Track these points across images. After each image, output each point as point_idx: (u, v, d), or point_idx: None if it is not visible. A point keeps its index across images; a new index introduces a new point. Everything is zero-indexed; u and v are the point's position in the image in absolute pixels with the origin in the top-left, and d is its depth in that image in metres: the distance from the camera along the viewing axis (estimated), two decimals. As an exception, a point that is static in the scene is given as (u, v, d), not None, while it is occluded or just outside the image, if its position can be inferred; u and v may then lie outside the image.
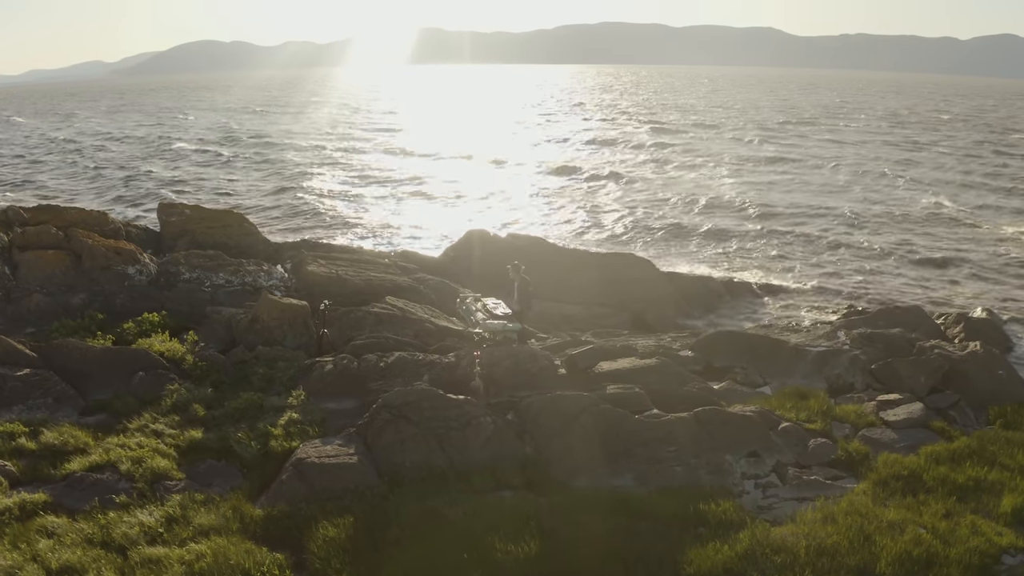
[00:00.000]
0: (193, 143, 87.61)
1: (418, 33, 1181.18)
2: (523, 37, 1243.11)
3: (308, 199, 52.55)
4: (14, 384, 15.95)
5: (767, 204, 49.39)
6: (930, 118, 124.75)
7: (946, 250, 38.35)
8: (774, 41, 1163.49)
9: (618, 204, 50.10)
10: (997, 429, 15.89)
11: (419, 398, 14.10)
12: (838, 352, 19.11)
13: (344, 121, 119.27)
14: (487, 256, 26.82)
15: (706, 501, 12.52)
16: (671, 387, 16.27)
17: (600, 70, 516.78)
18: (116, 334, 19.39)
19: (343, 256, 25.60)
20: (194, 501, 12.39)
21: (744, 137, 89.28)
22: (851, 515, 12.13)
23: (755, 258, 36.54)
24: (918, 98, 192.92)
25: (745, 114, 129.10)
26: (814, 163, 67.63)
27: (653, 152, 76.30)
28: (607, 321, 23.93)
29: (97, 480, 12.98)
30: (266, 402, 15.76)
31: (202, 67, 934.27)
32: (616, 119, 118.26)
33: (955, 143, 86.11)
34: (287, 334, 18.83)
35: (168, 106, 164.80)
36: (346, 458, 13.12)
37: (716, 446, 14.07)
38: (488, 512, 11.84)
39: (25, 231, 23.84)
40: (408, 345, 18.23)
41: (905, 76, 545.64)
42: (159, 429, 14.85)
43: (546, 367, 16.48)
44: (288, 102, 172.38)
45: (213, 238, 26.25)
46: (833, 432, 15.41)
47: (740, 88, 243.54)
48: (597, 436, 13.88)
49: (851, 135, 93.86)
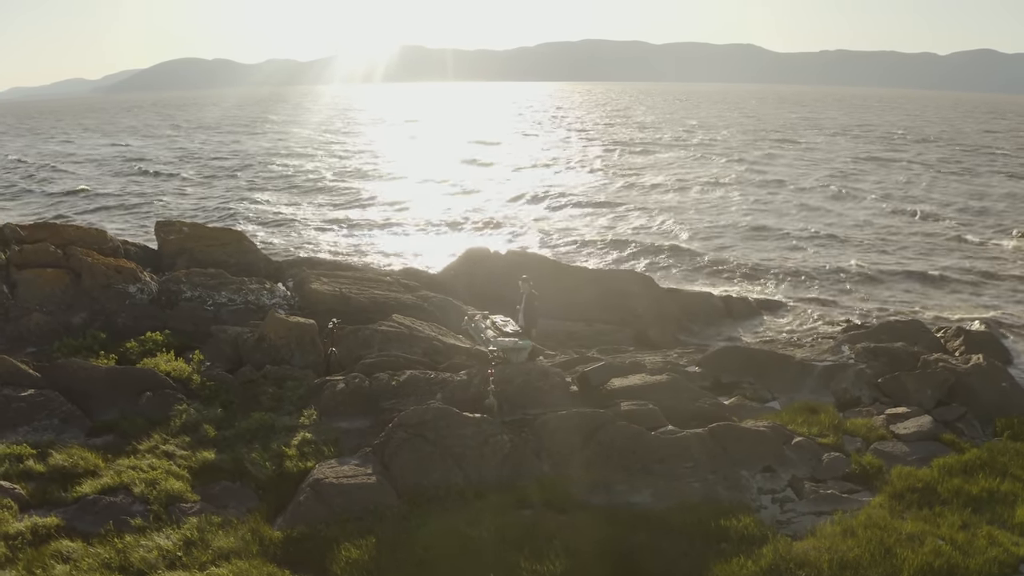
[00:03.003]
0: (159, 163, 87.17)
1: (400, 51, 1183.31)
2: (505, 55, 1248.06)
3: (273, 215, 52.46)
4: (19, 405, 15.78)
5: (754, 220, 49.75)
6: (906, 133, 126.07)
7: (936, 263, 38.70)
8: (755, 58, 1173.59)
9: (604, 223, 50.17)
10: (1005, 440, 16.02)
11: (435, 417, 14.04)
12: (844, 366, 19.22)
13: (321, 140, 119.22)
14: (488, 273, 26.84)
15: (726, 516, 12.53)
16: (683, 403, 16.29)
17: (579, 87, 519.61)
18: (119, 353, 19.25)
19: (346, 274, 25.50)
20: (211, 524, 12.25)
21: (727, 155, 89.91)
22: (870, 528, 12.19)
23: (748, 274, 36.67)
24: (903, 114, 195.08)
25: (722, 130, 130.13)
26: (800, 180, 68.10)
27: (628, 171, 76.61)
28: (611, 338, 23.95)
29: (111, 503, 12.83)
30: (277, 422, 15.65)
31: (184, 84, 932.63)
32: (598, 138, 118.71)
33: (928, 157, 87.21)
34: (295, 353, 18.72)
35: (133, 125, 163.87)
36: (364, 478, 13.03)
37: (732, 461, 14.09)
38: (511, 531, 11.79)
39: (23, 249, 23.61)
40: (418, 363, 18.17)
41: (885, 91, 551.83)
42: (170, 450, 14.72)
43: (558, 384, 16.46)
44: (261, 120, 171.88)
45: (212, 256, 26.10)
46: (845, 446, 15.47)
47: (718, 104, 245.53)
48: (614, 453, 13.88)
49: (828, 150, 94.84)
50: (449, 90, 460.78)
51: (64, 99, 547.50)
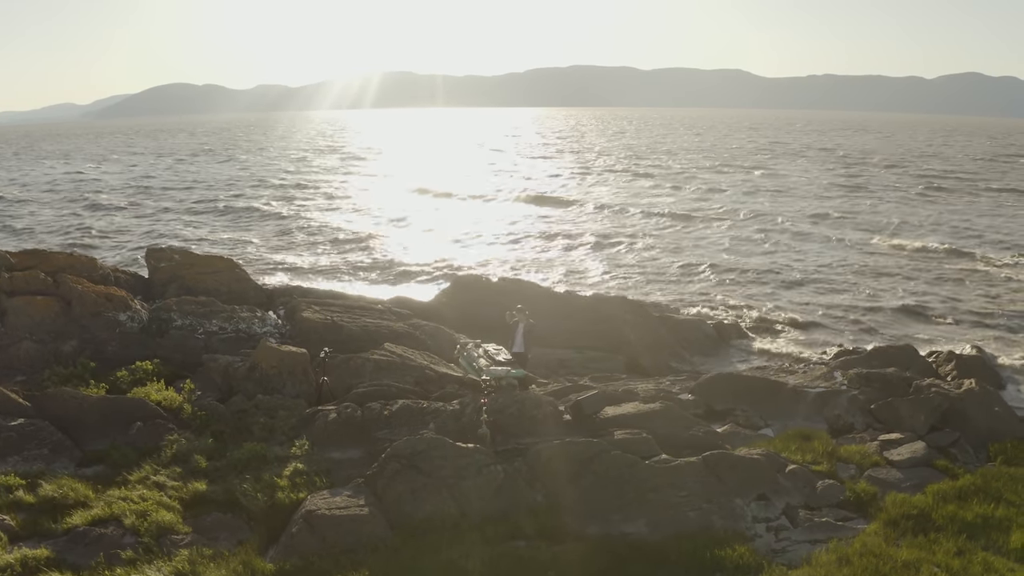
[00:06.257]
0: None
1: (389, 77, 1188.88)
2: (495, 80, 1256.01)
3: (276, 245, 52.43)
4: (8, 434, 15.63)
5: (745, 247, 49.96)
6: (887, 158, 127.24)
7: (924, 288, 38.91)
8: (743, 83, 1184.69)
9: (596, 250, 50.29)
10: (999, 466, 16.03)
11: (428, 447, 13.96)
12: (837, 393, 19.24)
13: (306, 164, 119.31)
14: (479, 301, 26.81)
15: (721, 546, 12.46)
16: (676, 431, 16.24)
17: (567, 112, 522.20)
18: (110, 382, 19.10)
19: (336, 302, 25.44)
20: (203, 556, 12.12)
21: (716, 181, 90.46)
22: (865, 556, 12.13)
23: (740, 301, 36.71)
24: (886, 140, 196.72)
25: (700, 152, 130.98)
26: (786, 207, 68.53)
27: (623, 197, 76.99)
28: (602, 365, 23.91)
29: (101, 535, 12.68)
30: (269, 452, 15.52)
31: (175, 109, 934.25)
32: (591, 164, 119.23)
33: (915, 181, 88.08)
34: (287, 382, 18.62)
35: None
36: (357, 509, 12.93)
37: (726, 490, 14.03)
38: (505, 563, 11.70)
39: (13, 276, 23.45)
40: (410, 392, 18.09)
41: (871, 116, 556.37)
42: (161, 481, 14.58)
43: (551, 413, 16.42)
44: (246, 145, 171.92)
45: (204, 284, 25.99)
46: (839, 473, 15.45)
47: (710, 129, 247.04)
48: (608, 482, 13.81)
49: (808, 173, 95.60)
50: (436, 115, 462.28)
51: (49, 124, 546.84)
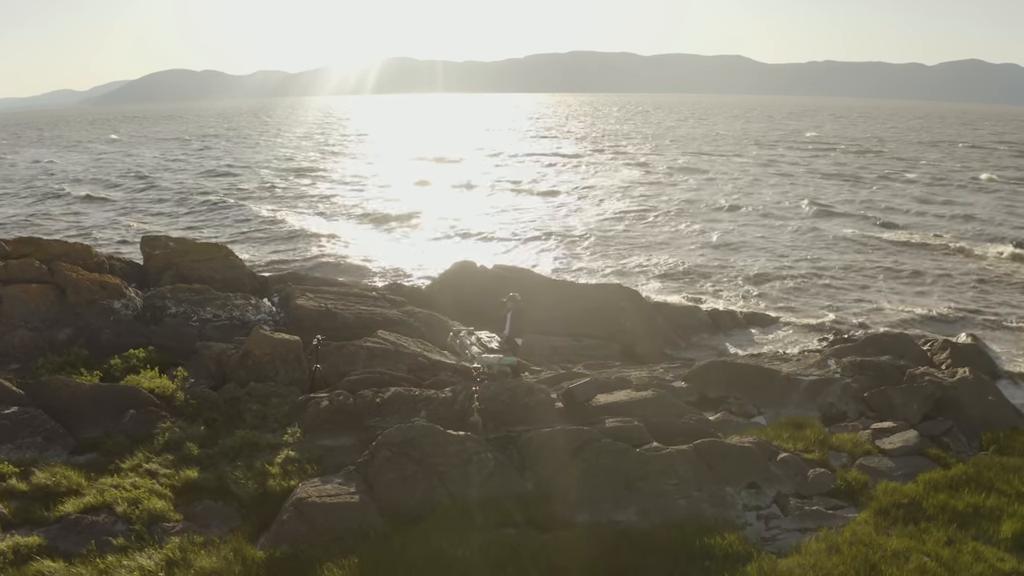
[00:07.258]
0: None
1: (389, 62, 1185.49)
2: (495, 66, 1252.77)
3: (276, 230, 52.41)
4: (1, 422, 15.63)
5: (732, 236, 49.92)
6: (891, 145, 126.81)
7: (920, 275, 38.91)
8: (744, 69, 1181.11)
9: (591, 238, 50.17)
10: (991, 455, 16.00)
11: (419, 435, 13.97)
12: (830, 381, 19.23)
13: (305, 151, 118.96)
14: (474, 288, 26.79)
15: (711, 534, 12.46)
16: (668, 419, 16.25)
17: (567, 98, 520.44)
18: (103, 370, 19.12)
19: (331, 289, 25.41)
20: (193, 543, 12.14)
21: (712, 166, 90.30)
22: (855, 545, 12.14)
23: (735, 288, 36.71)
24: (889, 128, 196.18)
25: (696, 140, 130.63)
26: (780, 196, 68.44)
27: (619, 186, 76.89)
28: (597, 352, 23.91)
29: (93, 522, 12.71)
30: (261, 440, 15.55)
31: (174, 95, 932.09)
32: (584, 152, 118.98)
33: (920, 169, 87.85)
34: (279, 369, 18.62)
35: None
36: (347, 497, 12.94)
37: (717, 478, 14.06)
38: (494, 550, 11.71)
39: (8, 264, 23.43)
40: (403, 380, 18.10)
41: (871, 102, 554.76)
42: (153, 469, 14.60)
43: (543, 401, 16.41)
44: (239, 135, 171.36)
45: (199, 271, 25.97)
46: (831, 461, 15.45)
47: (705, 117, 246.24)
48: (599, 470, 13.83)
49: (807, 161, 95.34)
50: (436, 101, 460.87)
51: (47, 111, 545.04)
